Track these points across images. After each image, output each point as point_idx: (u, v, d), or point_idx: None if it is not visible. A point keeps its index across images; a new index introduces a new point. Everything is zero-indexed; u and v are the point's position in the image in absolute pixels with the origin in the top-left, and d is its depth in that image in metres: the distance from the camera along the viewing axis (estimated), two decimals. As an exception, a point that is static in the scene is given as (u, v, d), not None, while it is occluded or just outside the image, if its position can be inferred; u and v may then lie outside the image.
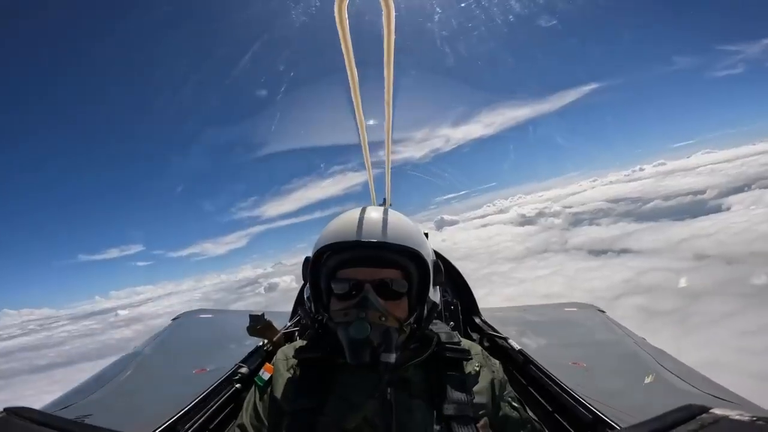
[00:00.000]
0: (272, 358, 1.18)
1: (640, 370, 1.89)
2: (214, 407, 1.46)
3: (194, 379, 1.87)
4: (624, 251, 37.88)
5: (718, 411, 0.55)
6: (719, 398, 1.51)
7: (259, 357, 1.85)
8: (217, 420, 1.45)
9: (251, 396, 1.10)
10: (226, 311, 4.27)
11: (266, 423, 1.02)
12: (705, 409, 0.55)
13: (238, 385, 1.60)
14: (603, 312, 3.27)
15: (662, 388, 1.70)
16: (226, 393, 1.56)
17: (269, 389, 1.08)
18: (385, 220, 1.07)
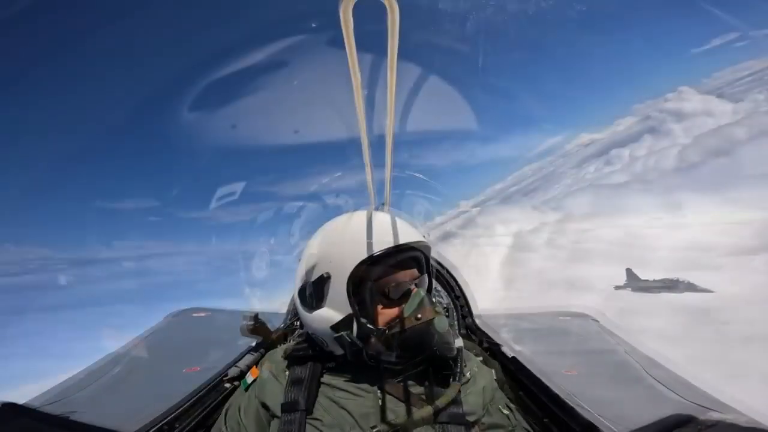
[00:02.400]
0: (263, 359, 1.18)
1: (634, 378, 1.89)
2: (204, 406, 1.45)
3: (185, 377, 1.85)
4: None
5: (710, 421, 0.55)
6: (711, 409, 1.51)
7: (251, 357, 1.84)
8: (206, 419, 1.44)
9: (237, 397, 1.09)
10: (219, 310, 4.23)
11: (252, 425, 1.01)
12: (697, 419, 0.55)
13: (227, 385, 1.59)
14: (597, 321, 3.27)
15: (655, 397, 1.70)
16: (217, 392, 1.54)
17: (256, 391, 1.07)
18: (408, 223, 1.12)
